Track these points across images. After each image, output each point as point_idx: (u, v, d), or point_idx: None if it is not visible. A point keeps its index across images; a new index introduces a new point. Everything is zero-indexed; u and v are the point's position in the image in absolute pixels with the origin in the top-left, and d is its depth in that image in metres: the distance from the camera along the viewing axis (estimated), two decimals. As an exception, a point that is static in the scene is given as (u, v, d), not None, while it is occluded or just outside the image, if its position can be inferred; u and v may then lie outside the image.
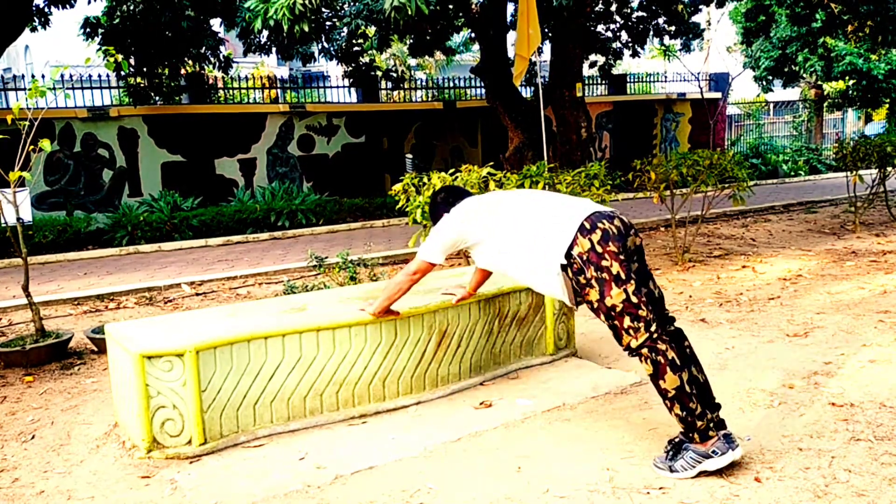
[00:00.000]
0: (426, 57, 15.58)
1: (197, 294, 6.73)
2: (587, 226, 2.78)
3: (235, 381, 3.20)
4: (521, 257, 2.98)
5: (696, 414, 2.71)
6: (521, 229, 2.99)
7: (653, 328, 2.74)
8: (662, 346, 2.74)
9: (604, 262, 2.74)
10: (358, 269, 5.71)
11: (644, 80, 17.89)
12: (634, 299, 2.73)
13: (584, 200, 3.00)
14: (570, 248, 2.78)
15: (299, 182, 12.83)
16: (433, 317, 3.65)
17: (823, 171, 17.14)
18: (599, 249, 2.75)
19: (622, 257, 2.76)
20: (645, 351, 2.75)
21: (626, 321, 2.75)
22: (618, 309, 2.74)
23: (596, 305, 2.79)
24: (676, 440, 2.81)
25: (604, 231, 2.77)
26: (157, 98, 11.87)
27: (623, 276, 2.73)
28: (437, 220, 3.31)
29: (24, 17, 10.01)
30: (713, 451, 2.70)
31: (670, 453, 2.79)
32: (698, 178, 6.53)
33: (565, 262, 2.81)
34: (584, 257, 2.76)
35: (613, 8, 13.20)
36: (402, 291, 3.30)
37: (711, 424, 2.74)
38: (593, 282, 2.75)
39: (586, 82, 15.09)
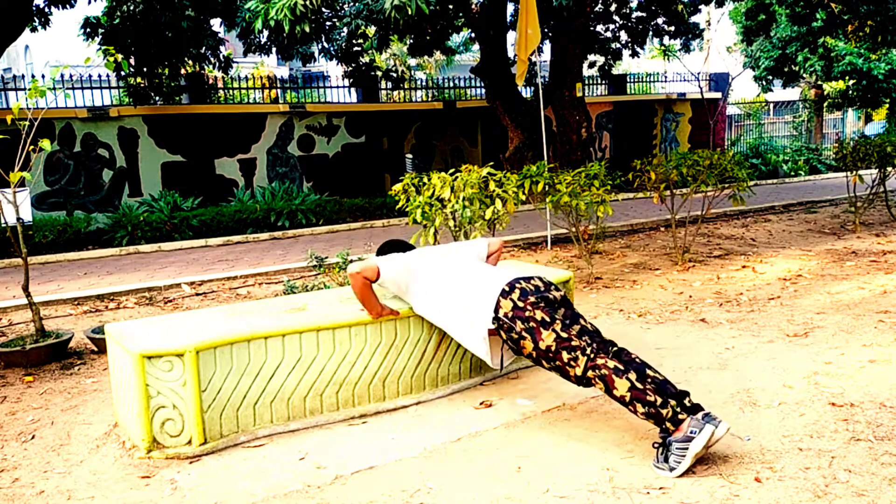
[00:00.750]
0: (426, 57, 15.59)
1: (197, 294, 6.73)
2: (506, 289, 3.12)
3: (235, 381, 3.20)
4: (453, 318, 3.33)
5: (658, 405, 2.81)
6: (454, 291, 3.33)
7: (588, 351, 2.96)
8: (601, 361, 2.93)
9: (527, 314, 3.04)
10: (358, 269, 5.70)
11: (644, 80, 17.89)
12: (564, 334, 3.00)
13: (507, 270, 3.40)
14: (496, 311, 3.10)
15: (299, 182, 12.83)
16: (433, 317, 3.64)
17: (823, 171, 17.14)
18: (521, 304, 3.06)
19: (542, 304, 3.05)
20: (590, 374, 2.94)
21: (564, 356, 2.98)
22: (553, 348, 3.00)
23: (535, 354, 3.06)
24: (660, 440, 2.83)
25: (521, 289, 3.11)
26: (157, 98, 11.87)
27: (548, 319, 3.02)
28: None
29: (24, 17, 10.01)
30: (691, 432, 2.73)
31: (660, 453, 2.81)
32: (698, 178, 6.53)
33: (494, 325, 3.12)
34: (510, 315, 3.07)
35: (613, 8, 13.21)
36: (363, 294, 3.44)
37: (678, 409, 2.79)
38: (524, 333, 3.04)
39: (586, 82, 15.09)
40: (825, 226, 9.18)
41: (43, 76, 10.60)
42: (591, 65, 14.71)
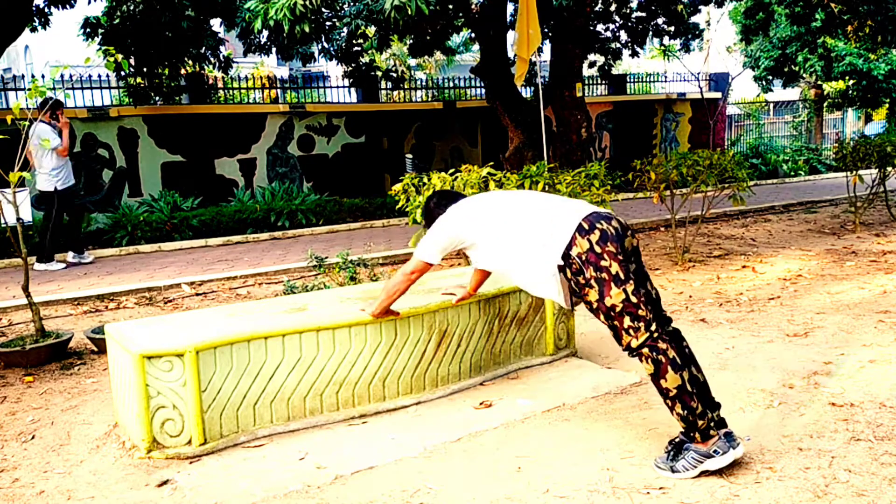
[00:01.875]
0: (426, 57, 15.58)
1: (197, 294, 6.73)
2: (585, 226, 2.79)
3: (235, 382, 3.20)
4: (518, 258, 2.98)
5: (698, 413, 2.72)
6: (518, 230, 2.99)
7: (653, 328, 2.74)
8: (663, 346, 2.74)
9: (602, 262, 2.74)
10: (358, 269, 5.71)
11: (644, 80, 17.89)
12: (634, 299, 2.73)
13: (581, 202, 3.02)
14: (569, 248, 2.78)
15: (299, 182, 12.82)
16: (433, 317, 3.65)
17: (823, 171, 17.13)
18: (598, 249, 2.75)
19: (620, 257, 2.75)
20: (646, 350, 2.75)
21: (626, 321, 2.75)
22: (617, 309, 2.74)
23: (595, 306, 2.80)
24: (677, 440, 2.81)
25: (602, 231, 2.77)
26: (157, 98, 11.86)
27: (622, 276, 2.73)
28: (432, 223, 3.31)
29: (24, 17, 10.01)
30: (714, 451, 2.70)
31: (671, 453, 2.79)
32: (698, 178, 6.53)
33: (563, 262, 2.81)
34: (583, 257, 2.76)
35: (613, 8, 13.21)
36: (400, 292, 3.30)
37: (712, 424, 2.74)
38: (592, 282, 2.75)
39: (586, 82, 15.09)
40: (825, 226, 9.18)
41: (43, 76, 10.60)
42: (591, 65, 14.70)
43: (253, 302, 4.22)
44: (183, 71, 12.01)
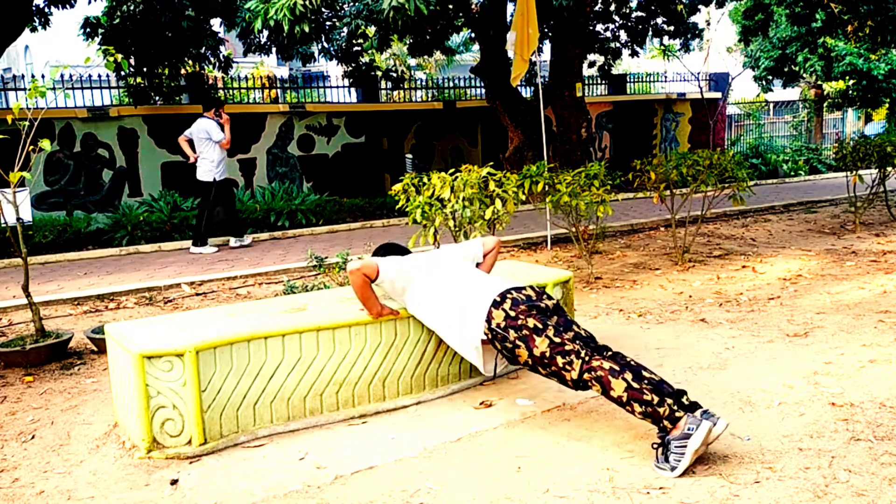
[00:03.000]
0: (426, 57, 15.58)
1: (197, 294, 6.73)
2: (498, 299, 3.16)
3: (235, 381, 3.20)
4: (447, 324, 3.36)
5: (654, 403, 2.82)
6: (448, 298, 3.35)
7: (583, 354, 2.97)
8: (596, 363, 2.94)
9: (520, 322, 3.08)
10: (358, 269, 5.70)
11: (644, 80, 17.89)
12: (558, 339, 3.02)
13: (498, 281, 3.38)
14: (489, 322, 3.14)
15: (299, 182, 12.82)
16: (433, 317, 3.64)
17: (823, 171, 17.13)
18: (513, 314, 3.11)
19: (534, 312, 3.09)
20: (586, 376, 2.95)
21: (559, 361, 3.00)
22: (547, 354, 3.02)
23: (531, 361, 3.08)
24: (658, 440, 2.83)
25: (513, 299, 3.14)
26: (157, 98, 11.86)
27: (540, 326, 3.06)
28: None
29: (24, 17, 10.01)
30: (689, 429, 2.74)
31: (660, 453, 2.81)
32: (698, 178, 6.53)
33: (487, 336, 3.17)
34: (502, 325, 3.11)
35: (613, 8, 13.21)
36: (363, 293, 3.44)
37: (675, 407, 2.80)
38: (517, 341, 3.08)
39: (586, 82, 15.09)
40: (825, 226, 9.18)
41: (43, 76, 10.60)
42: (591, 65, 14.70)
43: (253, 302, 4.22)
44: (183, 71, 12.01)
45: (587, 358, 2.95)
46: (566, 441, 3.11)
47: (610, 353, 3.00)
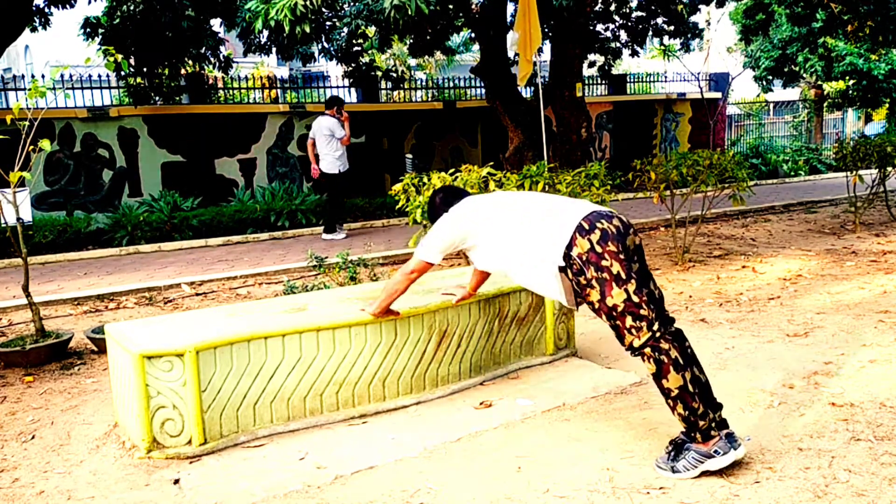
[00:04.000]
0: (426, 57, 15.58)
1: (197, 294, 6.73)
2: (585, 226, 2.78)
3: (235, 381, 3.20)
4: (520, 258, 2.97)
5: (699, 413, 2.71)
6: (519, 230, 2.98)
7: (655, 327, 2.73)
8: (665, 346, 2.73)
9: (604, 262, 2.73)
10: (358, 269, 5.71)
11: (644, 80, 17.88)
12: (636, 298, 2.72)
13: (583, 201, 3.01)
14: (569, 248, 2.77)
15: (299, 182, 12.82)
16: (433, 317, 3.65)
17: (823, 171, 17.13)
18: (599, 249, 2.74)
19: (622, 256, 2.74)
20: (648, 350, 2.74)
21: (629, 321, 2.74)
22: (619, 308, 2.73)
23: (597, 306, 2.79)
24: (678, 440, 2.80)
25: (602, 231, 2.77)
26: (157, 98, 11.86)
27: (623, 275, 2.72)
28: (435, 220, 3.31)
29: (24, 17, 10.01)
30: (715, 451, 2.69)
31: (672, 453, 2.78)
32: (698, 178, 6.53)
33: (564, 263, 2.79)
34: (584, 258, 2.75)
35: (613, 8, 13.21)
36: (399, 291, 3.30)
37: (713, 424, 2.74)
38: (594, 282, 2.74)
39: (586, 82, 15.09)
40: (825, 226, 9.18)
41: (43, 76, 10.59)
42: (591, 65, 14.69)
43: (253, 302, 4.22)
44: (183, 71, 12.00)
45: (657, 334, 2.73)
46: (566, 441, 3.11)
47: (674, 328, 2.82)
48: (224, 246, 10.06)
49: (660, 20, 13.44)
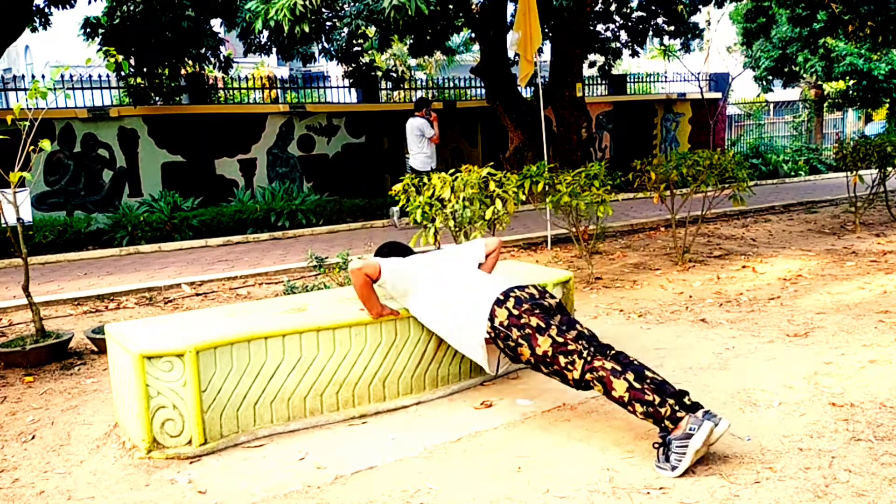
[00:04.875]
0: (426, 57, 15.59)
1: (197, 294, 6.73)
2: (501, 297, 3.16)
3: (235, 382, 3.20)
4: (450, 325, 3.35)
5: (656, 404, 2.82)
6: (450, 299, 3.35)
7: (585, 354, 2.97)
8: (598, 363, 2.94)
9: (523, 321, 3.07)
10: (358, 269, 5.70)
11: (644, 80, 17.89)
12: (560, 339, 3.01)
13: (502, 279, 3.41)
14: (491, 320, 3.14)
15: (299, 182, 12.83)
16: (433, 317, 3.64)
17: (823, 171, 17.13)
18: (516, 312, 3.10)
19: (538, 311, 3.09)
20: (588, 376, 2.95)
21: (562, 360, 3.00)
22: (550, 353, 3.02)
23: (533, 360, 3.08)
24: (660, 440, 2.83)
25: (516, 297, 3.14)
26: (157, 98, 11.86)
27: (543, 325, 3.05)
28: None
29: (24, 17, 10.01)
30: (690, 429, 2.73)
31: (661, 453, 2.81)
32: (698, 179, 6.53)
33: (492, 334, 3.16)
34: (505, 323, 3.11)
35: (613, 8, 13.21)
36: (365, 296, 3.43)
37: (677, 408, 2.80)
38: (520, 340, 3.07)
39: (586, 82, 15.09)
40: (825, 226, 9.18)
41: (43, 76, 10.60)
42: (591, 65, 14.71)
43: (253, 302, 4.22)
44: (183, 71, 12.01)
45: (589, 358, 2.95)
46: (566, 441, 3.11)
47: (612, 352, 3.00)
48: (224, 246, 10.07)
49: (660, 20, 13.45)
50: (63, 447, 3.35)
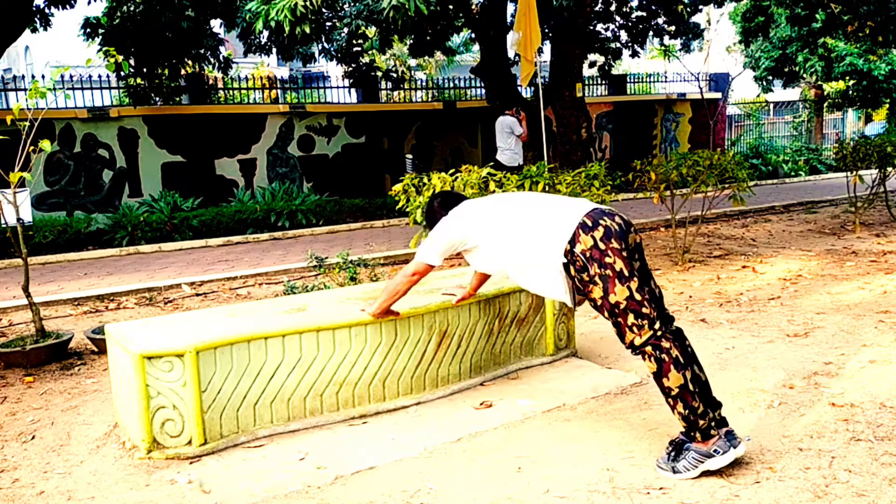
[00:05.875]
0: (426, 57, 15.59)
1: (197, 294, 6.73)
2: (589, 223, 2.78)
3: (235, 382, 3.20)
4: (521, 257, 2.95)
5: (699, 412, 2.72)
6: (521, 229, 2.97)
7: (657, 326, 2.74)
8: (666, 344, 2.74)
9: (607, 259, 2.73)
10: (358, 269, 5.71)
11: (644, 80, 17.89)
12: (638, 296, 2.72)
13: (584, 200, 3.01)
14: (572, 245, 2.77)
15: (299, 182, 12.83)
16: (433, 317, 3.65)
17: (823, 171, 17.13)
18: (602, 246, 2.73)
19: (625, 254, 2.74)
20: (649, 349, 2.74)
21: (630, 318, 2.74)
22: (622, 306, 2.73)
23: (599, 303, 2.78)
24: (678, 440, 2.80)
25: (606, 228, 2.76)
26: (157, 98, 11.86)
27: (626, 272, 2.72)
28: (434, 224, 3.31)
29: (25, 17, 10.01)
30: (715, 450, 2.69)
31: (672, 454, 2.78)
32: (698, 179, 6.53)
33: (566, 259, 2.79)
34: (587, 254, 2.74)
35: (613, 8, 13.21)
36: (400, 293, 3.30)
37: (713, 423, 2.74)
38: (597, 279, 2.74)
39: (586, 82, 15.09)
40: (825, 226, 9.18)
41: (43, 77, 10.60)
42: (592, 65, 14.70)
43: (253, 302, 4.22)
44: (183, 71, 12.01)
45: (659, 333, 2.74)
46: (566, 441, 3.11)
47: (674, 327, 2.83)
48: (224, 246, 10.07)
49: (660, 20, 13.44)
50: (63, 447, 3.35)
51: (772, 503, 2.52)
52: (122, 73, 10.94)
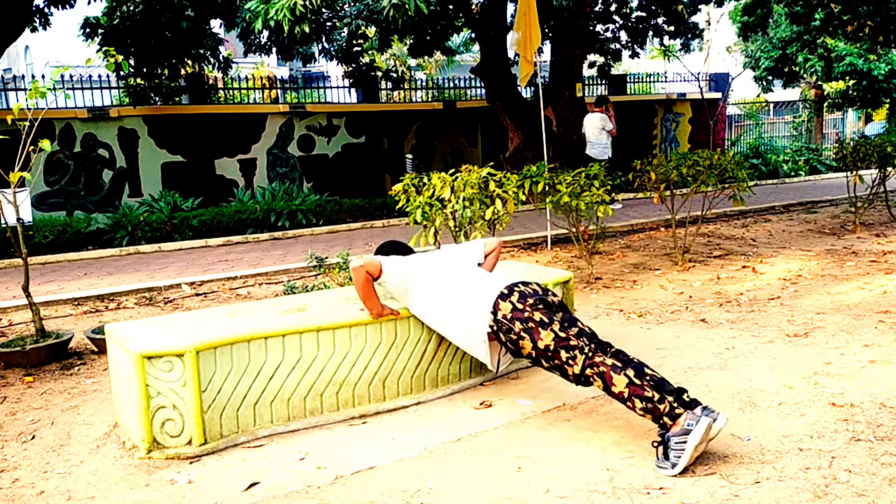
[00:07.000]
0: (426, 57, 15.59)
1: (197, 294, 6.73)
2: (505, 292, 3.20)
3: (235, 382, 3.20)
4: (452, 321, 3.37)
5: (655, 400, 2.84)
6: (453, 294, 3.37)
7: (586, 350, 3.02)
8: (599, 359, 2.99)
9: (526, 314, 3.12)
10: (358, 269, 5.70)
11: (644, 80, 17.88)
12: (563, 334, 3.06)
13: (504, 276, 3.46)
14: (494, 313, 3.17)
15: (299, 182, 12.83)
16: (433, 317, 3.64)
17: (823, 171, 17.13)
18: (520, 306, 3.14)
19: (541, 306, 3.13)
20: (589, 371, 3.00)
21: (563, 354, 3.04)
22: (551, 347, 3.06)
23: (534, 354, 3.12)
24: (659, 438, 2.84)
25: (520, 292, 3.19)
26: (157, 98, 11.86)
27: (546, 319, 3.09)
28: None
29: (24, 17, 10.02)
30: (688, 425, 2.75)
31: (660, 451, 2.81)
32: (698, 179, 6.53)
33: (494, 327, 3.18)
34: (508, 317, 3.14)
35: (613, 8, 13.22)
36: (365, 287, 3.43)
37: (675, 404, 2.82)
38: (522, 333, 3.11)
39: (586, 82, 15.09)
40: (825, 226, 9.18)
41: (43, 76, 10.60)
42: (591, 65, 14.71)
43: (253, 302, 4.22)
44: (183, 71, 12.01)
45: (590, 354, 2.99)
46: (566, 441, 3.11)
47: (612, 349, 3.02)
48: (224, 246, 10.07)
49: (660, 20, 13.45)
50: (63, 447, 3.35)
51: (772, 503, 2.52)
52: (122, 73, 10.94)
